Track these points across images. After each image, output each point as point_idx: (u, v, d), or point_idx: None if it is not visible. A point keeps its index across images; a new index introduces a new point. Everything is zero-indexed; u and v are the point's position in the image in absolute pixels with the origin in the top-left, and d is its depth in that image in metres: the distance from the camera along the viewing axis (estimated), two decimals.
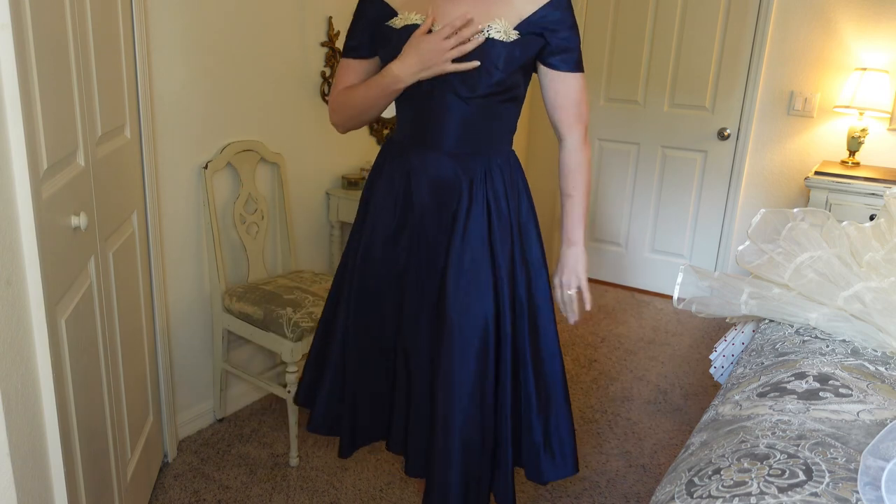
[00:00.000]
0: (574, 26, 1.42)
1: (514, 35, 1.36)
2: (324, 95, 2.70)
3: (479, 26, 1.35)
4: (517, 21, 1.38)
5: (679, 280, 1.78)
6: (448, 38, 1.31)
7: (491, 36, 1.35)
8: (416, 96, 1.43)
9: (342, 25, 2.72)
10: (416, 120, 1.47)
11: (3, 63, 1.06)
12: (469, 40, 1.33)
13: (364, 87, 1.46)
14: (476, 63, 1.34)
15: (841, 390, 1.28)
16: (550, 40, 1.40)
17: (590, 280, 4.41)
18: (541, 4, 1.38)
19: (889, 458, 0.90)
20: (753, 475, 0.99)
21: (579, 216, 1.52)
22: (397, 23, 1.41)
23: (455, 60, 1.34)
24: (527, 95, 1.52)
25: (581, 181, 1.51)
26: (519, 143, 4.05)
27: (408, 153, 1.48)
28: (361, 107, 1.49)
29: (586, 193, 1.52)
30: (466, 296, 1.44)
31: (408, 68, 1.36)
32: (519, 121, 1.54)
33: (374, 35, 1.46)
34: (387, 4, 1.45)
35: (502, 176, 1.47)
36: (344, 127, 1.58)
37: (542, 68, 1.45)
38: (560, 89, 1.45)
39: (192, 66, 2.17)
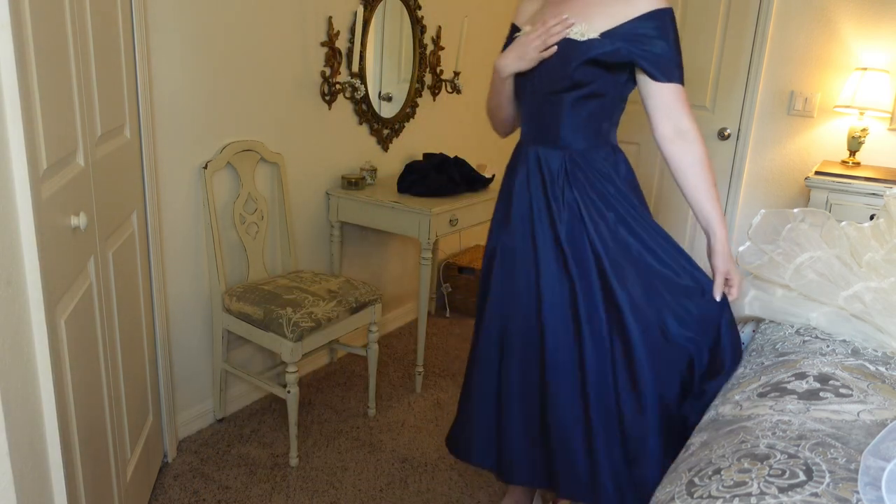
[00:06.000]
0: (668, 37, 1.50)
1: (591, 35, 1.50)
2: (324, 95, 2.70)
3: (571, 22, 1.52)
4: (607, 28, 1.50)
5: None
6: (539, 35, 1.53)
7: (569, 37, 1.51)
8: (523, 97, 1.65)
9: (342, 25, 2.71)
10: (525, 119, 1.68)
11: (3, 63, 1.05)
12: (555, 35, 1.52)
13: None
14: (553, 49, 1.53)
15: (841, 390, 1.28)
16: (643, 50, 1.49)
17: None
18: (645, 10, 1.48)
19: (889, 458, 0.90)
20: (754, 475, 0.99)
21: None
22: (520, 35, 1.64)
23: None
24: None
25: (686, 176, 1.59)
26: None
27: (523, 149, 1.68)
28: (490, 104, 1.77)
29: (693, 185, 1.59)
30: (641, 296, 1.56)
31: (504, 59, 1.61)
32: None
33: None
34: (516, 26, 1.69)
35: (584, 172, 1.59)
36: (502, 131, 1.85)
37: (639, 76, 1.55)
38: (657, 96, 1.54)
39: (192, 65, 2.17)
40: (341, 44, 2.73)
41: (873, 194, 3.00)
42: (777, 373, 1.41)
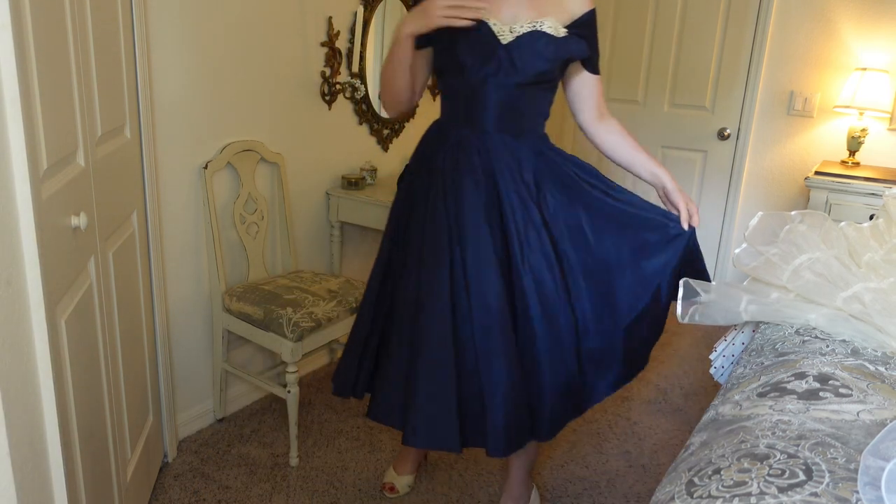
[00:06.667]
0: (597, 34, 1.68)
1: (563, 32, 1.58)
2: (324, 95, 2.70)
3: (483, 7, 1.51)
4: (567, 21, 1.60)
5: (680, 295, 1.79)
6: (450, 5, 1.48)
7: (543, 30, 1.56)
8: (471, 83, 1.60)
9: (342, 25, 2.71)
10: (463, 103, 1.65)
11: (3, 63, 1.05)
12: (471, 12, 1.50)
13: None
14: (470, 23, 1.49)
15: (841, 390, 1.28)
16: (591, 47, 1.64)
17: None
18: (586, 9, 1.62)
19: (889, 458, 0.90)
20: (753, 475, 0.99)
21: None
22: None
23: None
24: None
25: (619, 144, 1.78)
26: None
27: (455, 132, 1.66)
28: (390, 71, 1.67)
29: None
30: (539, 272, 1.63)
31: (409, 18, 1.55)
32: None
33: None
34: None
35: (540, 154, 1.67)
36: (390, 105, 1.77)
37: (576, 69, 1.69)
38: (593, 86, 1.72)
39: (192, 65, 2.17)
40: (341, 44, 2.73)
41: (873, 194, 3.00)
42: (777, 373, 1.41)
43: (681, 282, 1.75)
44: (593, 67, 1.69)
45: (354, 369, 1.82)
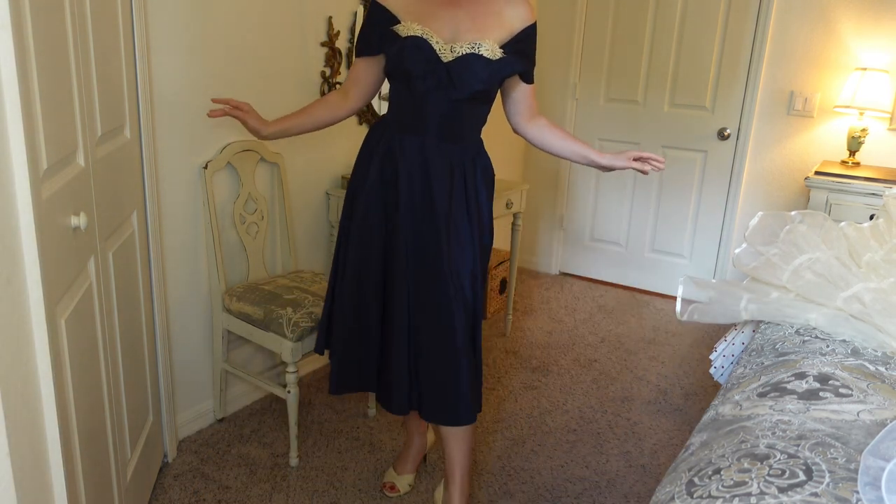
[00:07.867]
0: (535, 47, 1.78)
1: (499, 53, 1.66)
2: (323, 95, 2.70)
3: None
4: (506, 38, 1.68)
5: (680, 292, 1.78)
6: None
7: (480, 52, 1.64)
8: (415, 93, 1.69)
9: (342, 25, 2.71)
10: (409, 110, 1.73)
11: (3, 63, 1.05)
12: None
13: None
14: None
15: (841, 390, 1.28)
16: (526, 59, 1.73)
17: (590, 280, 4.41)
18: (527, 24, 1.70)
19: (889, 458, 0.90)
20: (753, 475, 0.99)
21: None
22: (401, 30, 1.67)
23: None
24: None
25: (552, 137, 1.88)
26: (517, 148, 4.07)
27: (398, 135, 1.75)
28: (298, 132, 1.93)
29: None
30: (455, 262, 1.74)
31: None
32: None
33: (381, 36, 1.72)
34: (389, 11, 1.70)
35: (472, 160, 1.78)
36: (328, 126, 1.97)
37: (513, 80, 1.78)
38: (526, 93, 1.83)
39: (192, 65, 2.17)
40: (341, 44, 2.73)
41: (873, 194, 3.01)
42: (777, 373, 1.41)
43: (681, 279, 1.75)
44: (529, 78, 1.79)
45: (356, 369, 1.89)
